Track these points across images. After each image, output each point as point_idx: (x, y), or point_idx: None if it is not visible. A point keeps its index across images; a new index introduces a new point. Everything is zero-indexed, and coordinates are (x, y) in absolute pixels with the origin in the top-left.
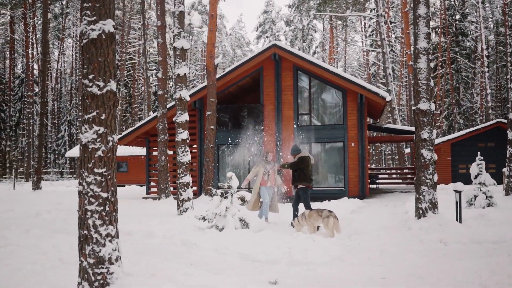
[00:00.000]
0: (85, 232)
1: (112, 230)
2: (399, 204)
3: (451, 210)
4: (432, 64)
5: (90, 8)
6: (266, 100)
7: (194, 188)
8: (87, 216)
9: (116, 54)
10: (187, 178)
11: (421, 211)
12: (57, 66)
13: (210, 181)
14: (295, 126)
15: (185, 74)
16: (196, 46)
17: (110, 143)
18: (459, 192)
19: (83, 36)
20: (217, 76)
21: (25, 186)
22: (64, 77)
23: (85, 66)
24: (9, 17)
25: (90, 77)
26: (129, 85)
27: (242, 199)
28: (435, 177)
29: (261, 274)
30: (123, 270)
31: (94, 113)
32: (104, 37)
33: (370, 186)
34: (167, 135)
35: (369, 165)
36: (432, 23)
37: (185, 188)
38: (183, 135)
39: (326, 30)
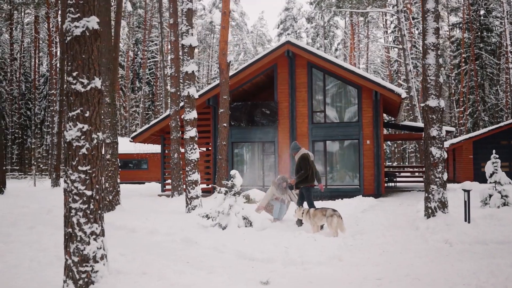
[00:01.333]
0: (70, 230)
1: (97, 228)
2: (413, 203)
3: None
4: (456, 61)
5: (74, 5)
6: (280, 98)
7: (210, 185)
8: (71, 214)
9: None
10: (196, 176)
11: (430, 211)
12: None
13: (223, 179)
14: (309, 123)
15: (193, 71)
16: (218, 43)
17: (95, 141)
18: (467, 191)
19: (67, 33)
20: (231, 73)
21: (46, 183)
22: None
23: (69, 64)
24: (33, 16)
25: (74, 74)
26: (152, 83)
27: (247, 198)
28: (445, 176)
29: (254, 273)
30: (109, 268)
31: (78, 111)
32: (88, 34)
33: (388, 184)
34: (180, 132)
35: (386, 163)
36: (455, 19)
37: (194, 185)
38: (191, 132)
39: (347, 27)
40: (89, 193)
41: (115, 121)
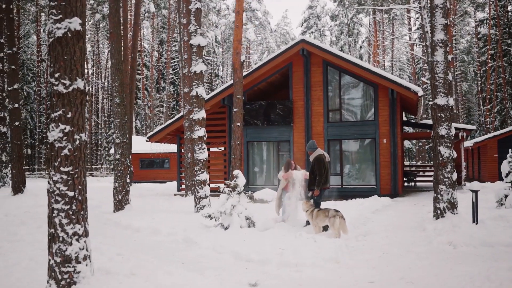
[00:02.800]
0: (52, 230)
1: (79, 229)
2: (428, 204)
3: (479, 210)
4: (483, 58)
5: (56, 6)
6: (295, 96)
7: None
8: (54, 215)
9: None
10: (204, 176)
11: (439, 211)
12: (107, 64)
13: None
14: (324, 122)
15: (201, 71)
16: (241, 43)
17: (77, 142)
18: (475, 192)
19: (49, 35)
20: (245, 72)
21: None
22: None
23: (52, 65)
24: None
25: (56, 75)
26: (176, 83)
27: (251, 198)
28: (454, 176)
29: (246, 274)
30: (96, 269)
31: (60, 112)
32: (70, 35)
33: (407, 184)
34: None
35: (409, 162)
36: (482, 15)
37: (202, 185)
38: (200, 132)
39: (371, 25)
40: (71, 194)
41: (125, 121)
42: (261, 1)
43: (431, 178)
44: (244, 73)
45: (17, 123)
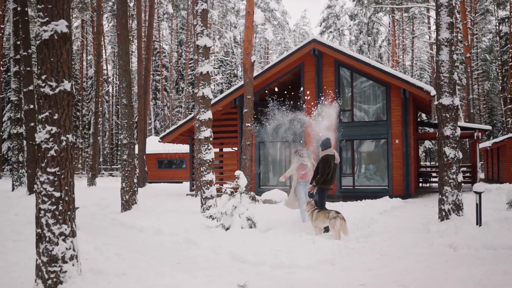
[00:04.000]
0: (39, 230)
1: (66, 229)
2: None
3: (488, 211)
4: (504, 57)
5: (43, 9)
6: (307, 97)
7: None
8: (41, 215)
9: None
10: (210, 176)
11: (443, 213)
12: None
13: (247, 179)
14: (336, 122)
15: (207, 72)
16: (260, 43)
17: (64, 143)
18: (478, 194)
19: (37, 37)
20: (257, 72)
21: (84, 182)
22: (134, 76)
23: (39, 67)
24: (80, 20)
25: (43, 77)
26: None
27: (253, 198)
28: (459, 177)
29: (238, 275)
30: (85, 268)
31: (47, 113)
32: (56, 37)
33: (422, 185)
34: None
35: (426, 163)
36: (504, 13)
37: (208, 186)
38: (206, 133)
39: (390, 24)
40: (57, 194)
41: (132, 122)
42: (279, 1)
43: None
44: (255, 74)
45: (32, 124)
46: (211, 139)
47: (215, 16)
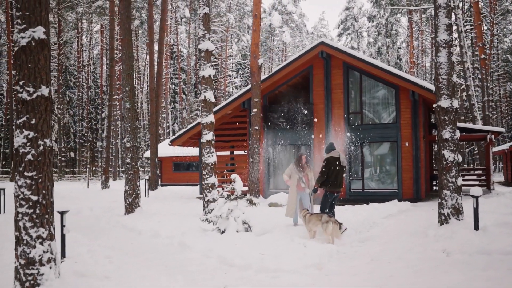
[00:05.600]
0: (17, 233)
1: (43, 233)
2: None
3: (493, 215)
4: None
5: (21, 16)
6: (316, 99)
7: (245, 188)
8: (18, 218)
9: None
10: (212, 179)
11: (443, 217)
12: (145, 69)
13: (254, 181)
14: (345, 125)
15: (209, 75)
16: (278, 46)
17: (41, 147)
18: (475, 198)
19: (14, 44)
20: (266, 75)
21: (98, 185)
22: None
23: (17, 73)
24: (99, 25)
25: (21, 83)
26: (214, 86)
27: (251, 202)
28: (459, 181)
29: (222, 279)
30: (59, 272)
31: (24, 118)
32: (33, 44)
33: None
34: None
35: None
36: None
37: (210, 189)
38: (208, 136)
39: (408, 25)
40: (34, 198)
41: (135, 125)
42: (297, 4)
43: (466, 182)
44: (264, 77)
45: None
46: (213, 142)
47: (231, 20)
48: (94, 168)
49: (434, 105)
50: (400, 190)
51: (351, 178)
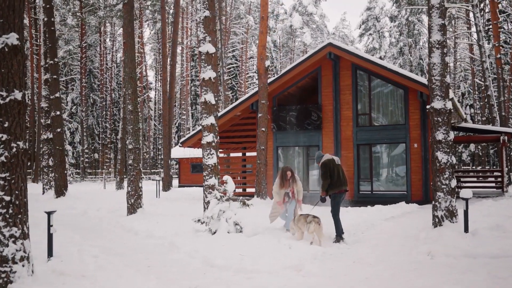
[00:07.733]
0: None
1: (16, 232)
2: None
3: (493, 218)
4: None
5: None
6: (324, 101)
7: (252, 189)
8: None
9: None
10: (212, 181)
11: (436, 220)
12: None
13: (261, 183)
14: (354, 126)
15: (210, 78)
16: (298, 47)
17: (14, 149)
18: (465, 200)
19: None
20: (275, 77)
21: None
22: (177, 82)
23: None
24: (121, 29)
25: None
26: (235, 88)
27: (244, 203)
28: (453, 183)
29: (196, 279)
30: (32, 270)
31: None
32: (7, 50)
33: None
34: (218, 137)
35: (467, 167)
36: None
37: (210, 190)
38: (208, 138)
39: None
40: (7, 198)
41: (137, 127)
42: (318, 4)
43: (481, 184)
44: (272, 78)
45: (59, 130)
46: (213, 144)
47: (251, 21)
48: (110, 169)
49: (427, 107)
50: (409, 191)
51: (359, 180)
